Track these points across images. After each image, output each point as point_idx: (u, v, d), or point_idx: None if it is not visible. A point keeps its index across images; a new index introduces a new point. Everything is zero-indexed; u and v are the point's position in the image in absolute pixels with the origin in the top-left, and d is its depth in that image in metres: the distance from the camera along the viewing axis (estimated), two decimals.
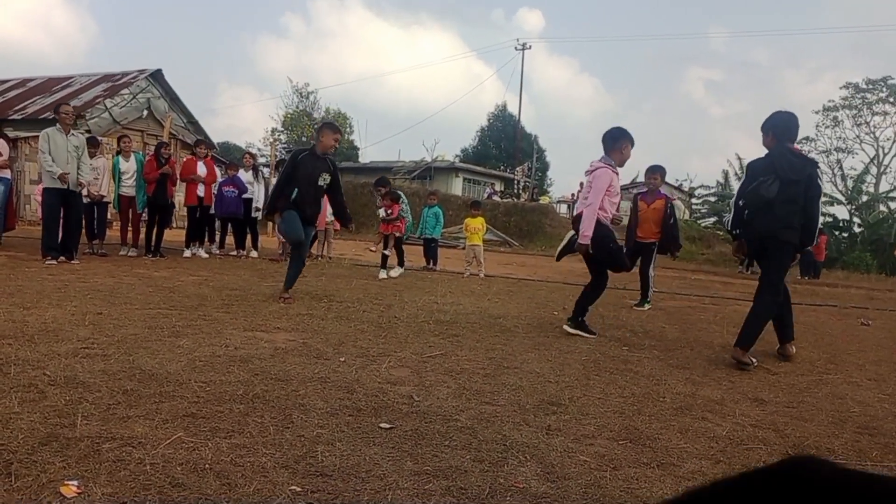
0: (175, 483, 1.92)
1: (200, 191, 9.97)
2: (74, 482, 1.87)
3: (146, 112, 20.40)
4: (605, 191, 4.98)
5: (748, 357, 4.28)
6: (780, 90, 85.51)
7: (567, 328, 5.12)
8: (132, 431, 2.31)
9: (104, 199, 9.30)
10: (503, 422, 2.74)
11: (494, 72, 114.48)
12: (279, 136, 41.25)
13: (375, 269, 9.49)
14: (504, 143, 45.87)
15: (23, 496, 1.78)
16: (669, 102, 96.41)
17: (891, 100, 37.31)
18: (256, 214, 10.99)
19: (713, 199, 34.98)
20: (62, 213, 7.98)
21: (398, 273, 9.15)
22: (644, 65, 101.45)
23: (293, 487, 1.96)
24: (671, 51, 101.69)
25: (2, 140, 9.25)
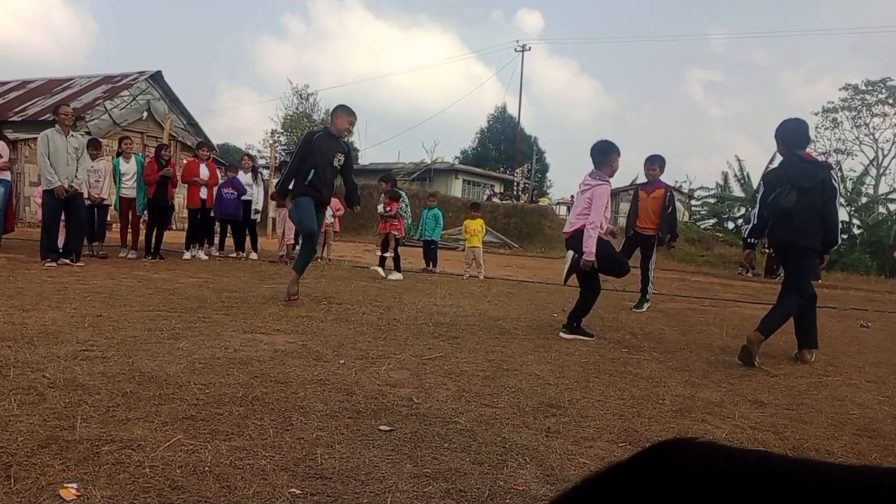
0: (174, 485, 1.92)
1: (203, 193, 10.00)
2: (74, 485, 1.87)
3: (146, 114, 20.42)
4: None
5: (758, 347, 4.36)
6: (780, 91, 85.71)
7: (563, 335, 5.13)
8: (131, 434, 2.31)
9: (104, 202, 9.31)
10: (503, 424, 2.74)
11: (494, 73, 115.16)
12: (279, 138, 41.21)
13: (374, 271, 9.49)
14: (504, 145, 45.91)
15: (22, 499, 1.78)
16: (669, 103, 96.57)
17: (890, 101, 37.38)
18: (256, 216, 11.01)
19: (713, 201, 34.93)
20: (64, 216, 7.99)
21: (396, 278, 9.09)
22: (644, 66, 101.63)
23: (293, 490, 1.96)
24: (671, 52, 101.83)
25: (2, 142, 9.26)
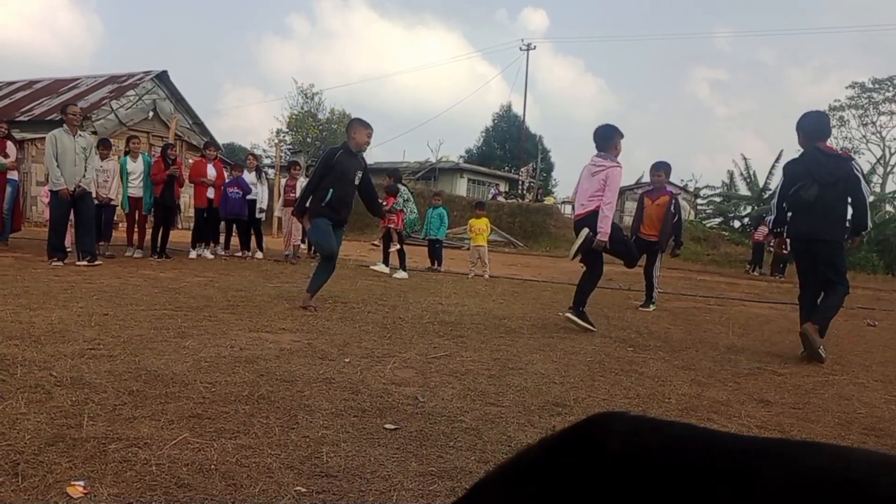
0: (181, 483, 1.93)
1: (210, 192, 10.02)
2: (81, 482, 1.88)
3: (152, 113, 20.48)
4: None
5: (816, 333, 4.48)
6: (786, 90, 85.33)
7: (568, 314, 5.25)
8: (138, 432, 2.32)
9: (111, 202, 9.33)
10: (508, 423, 2.74)
11: (499, 72, 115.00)
12: (284, 138, 41.30)
13: (378, 269, 9.51)
14: (509, 144, 45.87)
15: (29, 496, 1.79)
16: (674, 102, 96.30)
17: None
18: (261, 215, 11.03)
19: (718, 200, 34.82)
20: (73, 215, 7.99)
21: (401, 276, 9.11)
22: (649, 64, 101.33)
23: (298, 488, 1.97)
24: (676, 50, 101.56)
25: (9, 142, 9.31)
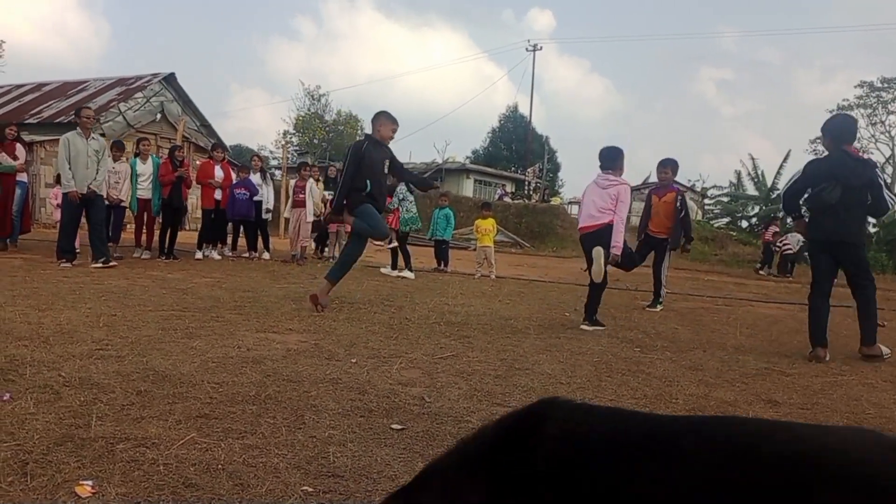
0: (188, 483, 1.94)
1: (217, 194, 10.05)
2: (89, 482, 1.89)
3: (160, 115, 20.58)
4: None
5: (878, 348, 4.71)
6: (793, 89, 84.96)
7: (585, 327, 5.51)
8: (146, 432, 2.33)
9: (122, 203, 9.37)
10: None
11: (505, 73, 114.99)
12: (291, 139, 41.44)
13: (387, 271, 9.52)
14: (515, 145, 45.81)
15: (38, 496, 1.80)
16: (681, 102, 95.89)
17: None
18: (267, 216, 11.06)
19: (726, 200, 34.65)
20: (85, 217, 8.02)
21: (397, 274, 9.26)
22: (655, 64, 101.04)
23: (305, 488, 1.97)
24: (682, 50, 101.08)
25: (18, 144, 9.37)
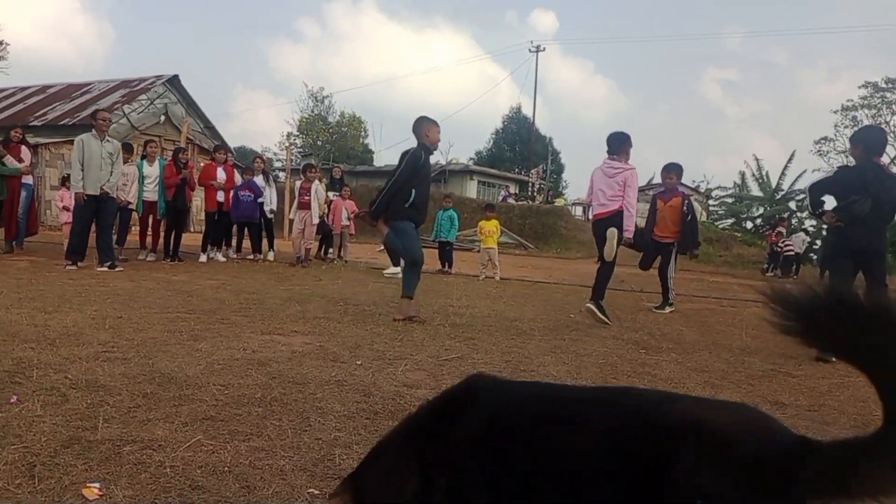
0: (195, 485, 1.94)
1: (220, 196, 10.07)
2: (96, 484, 1.89)
3: (163, 117, 20.66)
4: None
5: None
6: (798, 90, 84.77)
7: (589, 305, 5.72)
8: (152, 434, 2.33)
9: (129, 205, 9.40)
10: None
11: (509, 74, 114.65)
12: (294, 141, 41.54)
13: (389, 271, 9.53)
14: (518, 146, 45.81)
15: (46, 498, 1.81)
16: (685, 103, 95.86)
17: None
18: (270, 216, 11.08)
19: (730, 201, 34.56)
20: (96, 219, 8.04)
21: (391, 272, 9.28)
22: (659, 65, 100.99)
23: (311, 490, 1.97)
24: (686, 51, 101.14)
25: (23, 146, 9.41)
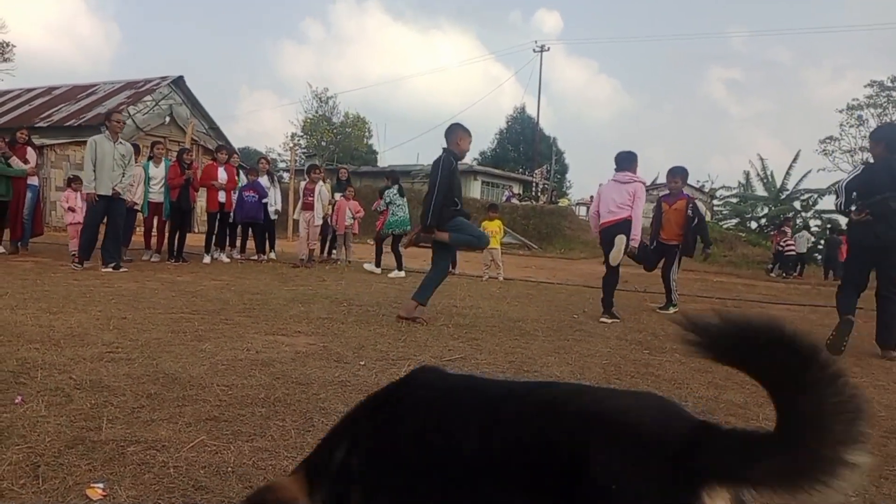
0: (198, 486, 1.94)
1: (221, 196, 10.08)
2: (100, 485, 1.89)
3: (168, 119, 20.71)
4: None
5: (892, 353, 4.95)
6: (803, 89, 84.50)
7: (605, 320, 5.98)
8: (156, 435, 2.34)
9: (135, 207, 9.42)
10: None
11: (513, 74, 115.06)
12: (299, 141, 41.59)
13: (394, 273, 9.53)
14: (523, 146, 45.81)
15: (50, 498, 1.81)
16: (689, 102, 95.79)
17: None
18: (274, 217, 11.10)
19: (735, 201, 34.47)
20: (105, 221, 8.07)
21: (368, 267, 9.71)
22: (664, 65, 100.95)
23: None
24: (691, 50, 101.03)
25: (29, 148, 9.45)
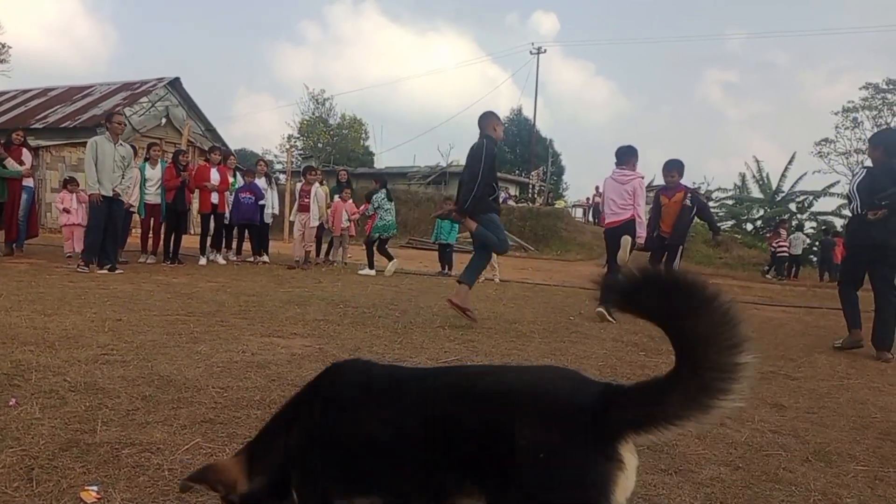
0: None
1: (214, 198, 10.04)
2: (94, 488, 1.89)
3: (164, 120, 20.68)
4: None
5: (889, 355, 5.01)
6: (799, 91, 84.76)
7: (600, 310, 6.00)
8: (151, 437, 2.33)
9: (131, 209, 9.40)
10: None
11: (510, 76, 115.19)
12: (295, 143, 41.55)
13: (392, 274, 9.53)
14: (519, 148, 45.88)
15: (44, 501, 1.81)
16: (686, 104, 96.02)
17: None
18: (270, 220, 11.08)
19: (731, 203, 34.58)
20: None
21: (364, 272, 9.93)
22: (660, 67, 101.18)
23: None
24: (687, 52, 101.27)
25: (24, 149, 9.42)
